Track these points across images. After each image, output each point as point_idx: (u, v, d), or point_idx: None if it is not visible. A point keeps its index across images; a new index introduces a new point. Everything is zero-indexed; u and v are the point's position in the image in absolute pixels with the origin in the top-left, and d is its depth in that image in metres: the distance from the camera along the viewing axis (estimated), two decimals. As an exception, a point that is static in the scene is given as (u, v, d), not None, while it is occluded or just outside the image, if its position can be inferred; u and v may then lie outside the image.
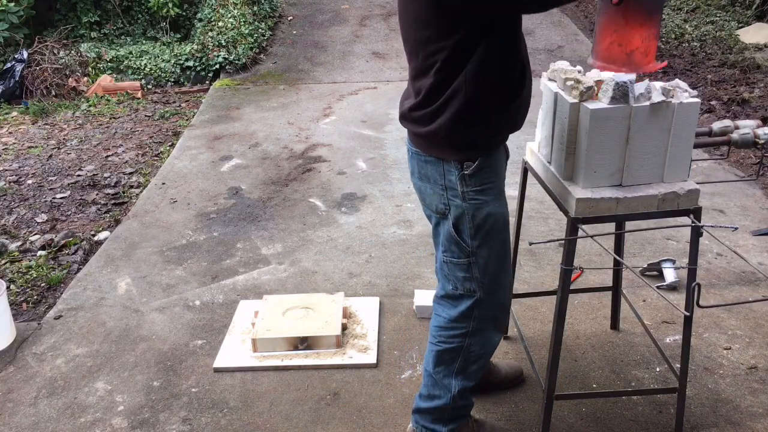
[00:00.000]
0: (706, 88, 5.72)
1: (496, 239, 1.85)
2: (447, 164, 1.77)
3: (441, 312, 1.98)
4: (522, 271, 3.15)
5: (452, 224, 1.83)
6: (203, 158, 4.73)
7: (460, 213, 1.80)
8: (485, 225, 1.82)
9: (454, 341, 1.95)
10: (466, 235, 1.82)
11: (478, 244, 1.83)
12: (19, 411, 2.41)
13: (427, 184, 1.85)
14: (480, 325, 1.93)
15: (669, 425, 2.23)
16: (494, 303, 1.93)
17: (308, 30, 7.92)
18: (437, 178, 1.81)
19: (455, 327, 1.94)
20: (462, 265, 1.86)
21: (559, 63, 2.03)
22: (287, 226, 3.73)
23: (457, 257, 1.85)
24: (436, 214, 1.88)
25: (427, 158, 1.81)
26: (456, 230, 1.83)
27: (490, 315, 1.94)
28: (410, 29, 1.73)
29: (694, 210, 1.87)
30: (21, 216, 4.02)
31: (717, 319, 2.78)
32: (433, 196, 1.85)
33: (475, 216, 1.79)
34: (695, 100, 1.84)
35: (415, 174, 1.91)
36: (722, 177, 4.15)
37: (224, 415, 2.36)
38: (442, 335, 1.97)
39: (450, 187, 1.79)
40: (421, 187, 1.89)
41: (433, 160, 1.80)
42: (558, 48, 7.18)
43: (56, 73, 6.33)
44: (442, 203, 1.82)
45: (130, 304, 3.05)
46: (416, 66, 1.75)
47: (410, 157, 1.91)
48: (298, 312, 2.78)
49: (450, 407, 2.03)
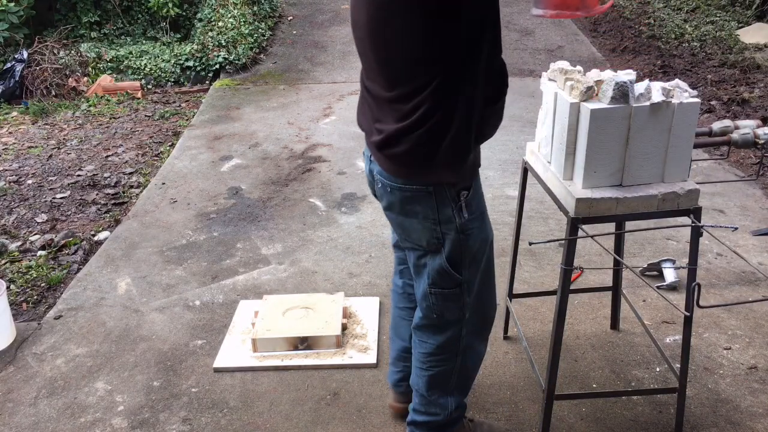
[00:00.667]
0: (706, 88, 5.72)
1: (484, 262, 1.81)
2: (440, 196, 1.63)
3: (426, 339, 1.90)
4: (522, 271, 3.15)
5: (446, 258, 1.71)
6: (203, 158, 4.73)
7: (455, 246, 1.70)
8: (478, 252, 1.76)
9: (446, 364, 1.91)
10: (461, 266, 1.74)
11: (472, 271, 1.78)
12: (19, 411, 2.41)
13: (413, 219, 1.69)
14: (468, 342, 1.90)
15: (669, 425, 2.23)
16: (480, 320, 1.90)
17: (308, 30, 7.92)
18: (428, 213, 1.65)
19: (445, 351, 1.89)
20: (453, 294, 1.78)
21: (559, 63, 2.03)
22: (287, 226, 3.73)
23: (448, 288, 1.76)
24: (423, 249, 1.74)
25: (415, 192, 1.64)
26: (451, 263, 1.72)
27: (478, 330, 1.92)
28: (390, 47, 1.54)
29: (694, 210, 1.87)
30: (21, 216, 4.02)
31: (717, 319, 2.78)
32: (422, 232, 1.69)
33: (470, 246, 1.72)
34: (695, 100, 1.84)
35: (394, 209, 1.72)
36: (722, 177, 4.15)
37: (224, 415, 2.36)
38: (432, 360, 1.91)
39: (444, 220, 1.66)
40: (404, 223, 1.72)
41: (422, 194, 1.64)
42: (558, 48, 7.18)
43: (56, 73, 6.33)
44: (434, 238, 1.68)
45: (130, 304, 3.05)
46: (399, 86, 1.56)
47: (386, 192, 1.70)
48: (298, 312, 2.78)
49: (447, 421, 2.01)
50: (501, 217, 3.72)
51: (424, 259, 1.77)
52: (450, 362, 1.91)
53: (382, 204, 1.77)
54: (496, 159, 4.50)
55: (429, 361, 1.92)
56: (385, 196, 1.73)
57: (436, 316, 1.83)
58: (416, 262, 1.80)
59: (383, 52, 1.56)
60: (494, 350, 2.63)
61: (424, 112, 1.54)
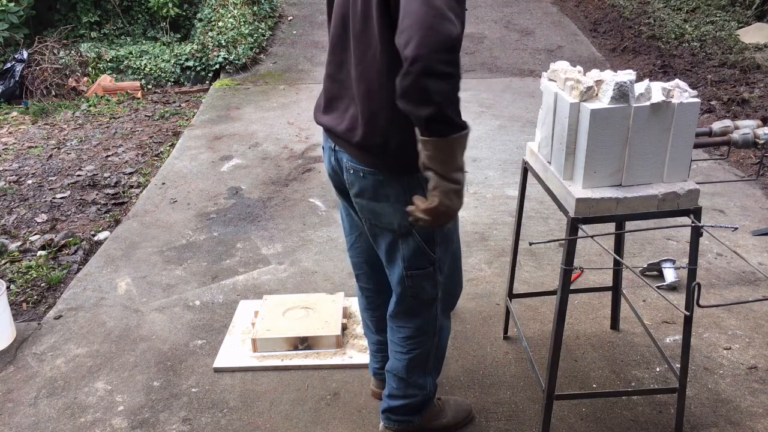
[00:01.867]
0: (706, 88, 5.72)
1: (454, 241, 1.89)
2: (410, 180, 1.70)
3: (403, 324, 1.97)
4: (522, 271, 3.15)
5: (421, 237, 1.78)
6: (203, 158, 4.73)
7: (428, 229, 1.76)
8: (451, 232, 1.84)
9: (425, 344, 1.98)
10: (435, 245, 1.81)
11: (443, 250, 1.84)
12: (19, 411, 2.41)
13: (385, 203, 1.75)
14: (441, 321, 1.99)
15: (669, 425, 2.23)
16: (452, 298, 2.00)
17: (308, 30, 7.92)
18: (399, 195, 1.72)
19: (425, 332, 1.96)
20: (428, 273, 1.85)
21: (559, 63, 2.03)
22: (287, 226, 3.73)
23: (423, 268, 1.83)
24: (395, 232, 1.79)
25: (385, 177, 1.71)
26: (427, 243, 1.80)
27: (448, 308, 2.00)
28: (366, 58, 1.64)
29: (694, 210, 1.87)
30: (21, 216, 4.02)
31: (717, 319, 2.78)
32: (394, 215, 1.75)
33: (446, 229, 1.79)
34: (695, 100, 1.84)
35: (365, 194, 1.77)
36: (722, 177, 4.15)
37: (224, 415, 2.36)
38: (412, 343, 1.97)
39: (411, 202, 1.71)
40: (376, 207, 1.77)
41: (392, 178, 1.71)
42: (558, 48, 7.18)
43: (56, 73, 6.33)
44: (406, 220, 1.70)
45: (130, 304, 3.05)
46: (369, 84, 1.64)
47: (358, 178, 1.75)
48: (298, 312, 2.78)
49: (425, 400, 2.09)
50: (501, 217, 3.72)
51: (398, 243, 1.81)
52: (428, 343, 1.99)
53: (352, 191, 1.80)
54: (496, 159, 4.50)
55: (409, 344, 1.98)
56: (356, 182, 1.77)
57: (411, 298, 1.89)
58: (389, 248, 1.84)
59: (370, 49, 1.63)
60: (494, 350, 2.64)
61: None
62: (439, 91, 1.39)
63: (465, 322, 2.81)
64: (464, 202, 1.60)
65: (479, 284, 3.09)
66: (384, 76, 1.60)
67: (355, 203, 1.83)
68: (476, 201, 3.91)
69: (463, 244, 3.44)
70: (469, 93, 5.80)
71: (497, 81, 6.24)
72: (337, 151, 1.81)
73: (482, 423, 2.27)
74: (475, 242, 3.46)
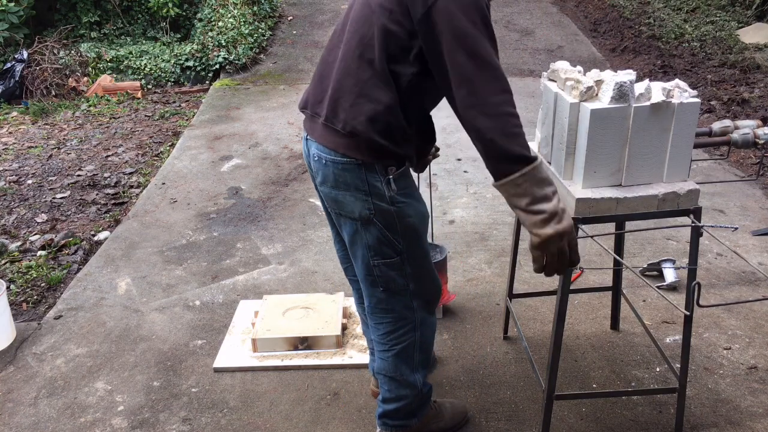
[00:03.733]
0: (706, 88, 5.72)
1: (420, 234, 1.89)
2: (369, 169, 1.74)
3: (381, 319, 1.97)
4: (522, 271, 3.15)
5: (383, 226, 1.81)
6: (203, 158, 4.73)
7: (388, 216, 1.80)
8: (419, 225, 1.86)
9: (407, 338, 1.98)
10: (398, 235, 1.83)
11: (408, 241, 1.85)
12: (19, 411, 2.41)
13: (345, 192, 1.78)
14: (421, 314, 1.97)
15: (669, 425, 2.23)
16: (426, 290, 1.97)
17: (308, 30, 7.92)
18: (359, 184, 1.76)
19: (403, 325, 1.96)
20: (395, 263, 1.86)
21: (559, 63, 2.03)
22: (287, 226, 3.73)
23: (389, 257, 1.85)
24: (357, 221, 1.82)
25: (346, 165, 1.75)
26: (389, 231, 1.82)
27: (425, 302, 1.98)
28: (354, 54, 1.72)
29: (694, 210, 1.87)
30: (21, 216, 4.02)
31: (717, 319, 2.78)
32: (354, 203, 1.79)
33: (403, 216, 1.81)
34: (695, 100, 1.84)
35: (327, 183, 1.80)
36: (722, 177, 4.15)
37: (224, 415, 2.36)
38: (392, 338, 1.98)
39: (374, 192, 1.77)
40: (337, 196, 1.80)
41: (352, 166, 1.74)
42: (558, 48, 7.18)
43: (56, 73, 6.33)
44: (366, 209, 1.77)
45: (130, 304, 3.05)
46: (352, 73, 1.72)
47: (321, 165, 1.80)
48: (298, 312, 2.79)
49: (418, 400, 2.08)
50: (501, 217, 3.72)
51: (360, 233, 1.84)
52: (408, 336, 1.98)
53: (317, 180, 1.84)
54: (496, 159, 4.49)
55: (390, 341, 1.98)
56: (320, 170, 1.80)
57: (382, 289, 1.90)
58: (352, 237, 1.86)
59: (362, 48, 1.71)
60: (494, 350, 2.64)
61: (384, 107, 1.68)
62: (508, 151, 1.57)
63: (465, 322, 2.81)
64: (465, 201, 1.61)
65: (479, 284, 3.09)
66: (362, 59, 1.68)
67: (320, 192, 1.87)
68: (476, 201, 3.91)
69: (463, 244, 3.45)
70: (469, 93, 5.78)
71: (497, 81, 6.23)
72: (309, 140, 1.84)
73: (482, 423, 2.28)
74: (475, 242, 3.46)
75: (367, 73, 1.68)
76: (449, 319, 2.82)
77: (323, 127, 1.76)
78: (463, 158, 4.46)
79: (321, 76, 1.82)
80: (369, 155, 1.72)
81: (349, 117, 1.70)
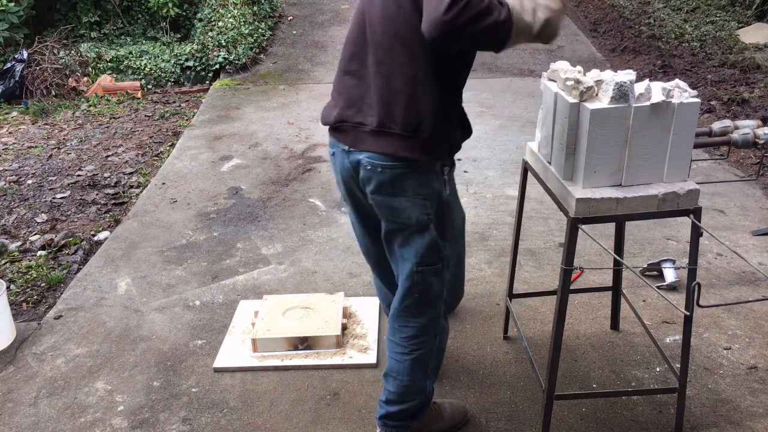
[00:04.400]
0: (706, 88, 5.72)
1: (461, 236, 1.92)
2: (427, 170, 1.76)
3: (406, 323, 1.96)
4: (522, 271, 3.15)
5: (436, 231, 1.81)
6: (203, 158, 4.73)
7: (441, 220, 1.81)
8: (460, 229, 1.87)
9: (427, 344, 1.97)
10: (446, 239, 1.84)
11: (452, 245, 1.86)
12: (19, 411, 2.41)
13: (402, 197, 1.77)
14: (443, 321, 1.99)
15: (669, 425, 2.23)
16: (455, 297, 2.00)
17: (308, 30, 7.92)
18: (417, 188, 1.76)
19: (428, 332, 1.96)
20: (437, 269, 1.87)
21: (559, 63, 2.03)
22: (287, 226, 3.73)
23: (433, 264, 1.85)
24: (412, 227, 1.81)
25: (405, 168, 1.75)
26: (440, 236, 1.83)
27: (447, 306, 1.99)
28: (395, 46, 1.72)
29: (694, 210, 1.87)
30: (21, 216, 4.02)
31: (717, 319, 2.78)
32: (412, 209, 1.78)
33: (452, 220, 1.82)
34: (695, 100, 1.84)
35: (383, 191, 1.78)
36: (722, 177, 4.15)
37: (224, 415, 2.36)
38: (414, 343, 1.96)
39: (431, 194, 1.78)
40: (393, 202, 1.79)
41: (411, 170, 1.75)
42: (558, 48, 7.18)
43: (56, 73, 6.33)
44: (424, 214, 1.77)
45: (130, 304, 3.05)
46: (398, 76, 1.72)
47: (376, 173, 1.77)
48: (298, 312, 2.79)
49: (423, 404, 2.08)
50: (501, 217, 3.72)
51: (411, 239, 1.83)
52: (430, 343, 1.98)
53: (369, 188, 1.81)
54: (496, 159, 4.50)
55: (411, 345, 1.97)
56: (374, 178, 1.78)
57: (418, 296, 1.90)
58: (403, 243, 1.85)
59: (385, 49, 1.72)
60: (494, 350, 2.64)
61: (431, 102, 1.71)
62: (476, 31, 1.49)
63: (465, 322, 2.81)
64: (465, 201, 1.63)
65: (479, 284, 3.09)
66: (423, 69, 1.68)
67: (372, 200, 1.84)
68: (476, 201, 3.91)
69: (463, 244, 3.45)
70: (469, 93, 5.76)
71: (497, 81, 6.24)
72: (351, 151, 1.81)
73: (482, 423, 2.27)
74: (475, 242, 3.46)
75: (412, 69, 1.68)
76: (449, 319, 2.82)
77: (375, 134, 1.74)
78: (463, 158, 4.46)
79: (349, 87, 1.80)
80: (428, 153, 1.74)
81: (409, 116, 1.70)
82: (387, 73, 1.71)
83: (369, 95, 1.75)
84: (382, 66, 1.71)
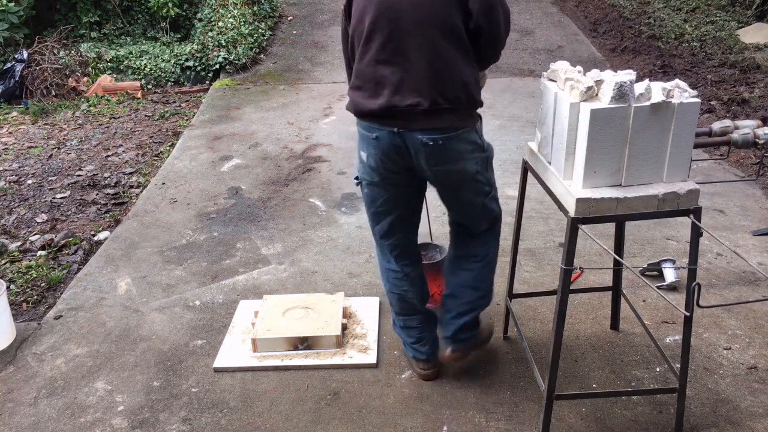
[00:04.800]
0: (706, 88, 5.72)
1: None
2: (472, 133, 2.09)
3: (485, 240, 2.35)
4: (522, 271, 3.15)
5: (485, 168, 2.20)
6: (203, 158, 4.73)
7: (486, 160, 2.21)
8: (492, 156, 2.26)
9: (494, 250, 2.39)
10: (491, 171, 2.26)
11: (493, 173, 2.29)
12: (19, 411, 2.41)
13: (459, 160, 2.08)
14: None
15: (669, 425, 2.23)
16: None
17: (308, 30, 7.92)
18: (468, 148, 2.08)
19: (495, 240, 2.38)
20: (494, 195, 2.30)
21: (559, 63, 2.03)
22: (287, 226, 3.73)
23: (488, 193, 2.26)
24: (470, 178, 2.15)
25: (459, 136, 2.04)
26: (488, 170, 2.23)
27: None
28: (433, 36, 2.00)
29: (694, 210, 1.87)
30: (21, 216, 4.02)
31: (717, 319, 2.78)
32: (469, 165, 2.11)
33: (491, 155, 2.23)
34: (695, 100, 1.84)
35: (444, 162, 2.06)
36: (722, 177, 4.15)
37: (224, 415, 2.36)
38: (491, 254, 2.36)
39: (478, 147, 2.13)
40: (455, 167, 2.09)
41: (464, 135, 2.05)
42: (558, 48, 7.18)
43: (56, 73, 6.33)
44: (475, 164, 2.13)
45: (130, 304, 3.05)
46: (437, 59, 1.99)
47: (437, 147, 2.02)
48: (298, 312, 2.78)
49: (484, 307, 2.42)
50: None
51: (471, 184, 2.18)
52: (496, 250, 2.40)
53: (431, 162, 2.07)
54: (496, 159, 4.47)
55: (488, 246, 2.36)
56: (434, 153, 2.04)
57: (488, 218, 2.31)
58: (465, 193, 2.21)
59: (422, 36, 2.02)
60: (494, 350, 2.63)
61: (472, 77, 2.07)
62: None
63: (465, 322, 2.81)
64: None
65: (479, 284, 3.08)
66: (458, 52, 2.00)
67: (434, 173, 2.12)
68: (476, 201, 3.90)
69: (463, 244, 3.45)
70: (469, 93, 5.78)
71: (497, 81, 6.24)
72: (402, 132, 2.04)
73: (482, 423, 2.28)
74: (475, 242, 3.45)
75: (450, 51, 1.96)
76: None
77: (428, 113, 1.99)
78: (463, 158, 4.46)
79: (385, 74, 2.01)
80: (473, 117, 2.09)
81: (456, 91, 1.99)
82: (430, 56, 1.96)
83: (412, 79, 1.98)
84: (423, 51, 1.95)
